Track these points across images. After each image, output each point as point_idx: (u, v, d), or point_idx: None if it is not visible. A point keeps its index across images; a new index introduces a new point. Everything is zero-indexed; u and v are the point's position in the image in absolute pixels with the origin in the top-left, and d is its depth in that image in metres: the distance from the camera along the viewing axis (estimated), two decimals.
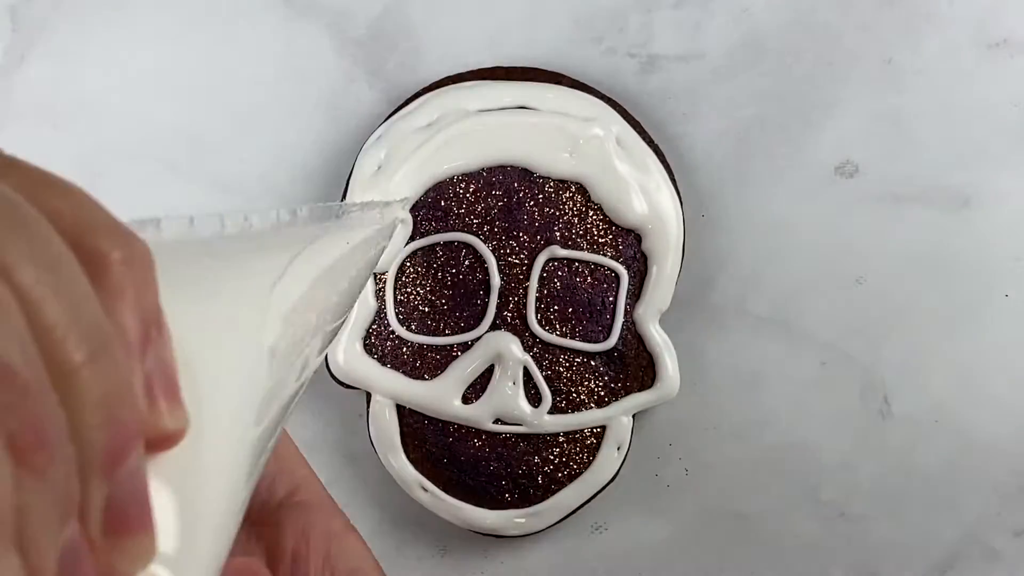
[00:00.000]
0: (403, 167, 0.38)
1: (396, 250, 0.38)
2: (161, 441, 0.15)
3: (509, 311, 0.38)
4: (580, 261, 0.38)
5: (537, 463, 0.39)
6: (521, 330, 0.38)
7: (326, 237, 0.23)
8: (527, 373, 0.38)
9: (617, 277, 0.38)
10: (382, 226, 0.29)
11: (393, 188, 0.38)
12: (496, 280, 0.38)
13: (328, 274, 0.22)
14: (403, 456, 0.39)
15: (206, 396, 0.16)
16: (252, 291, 0.19)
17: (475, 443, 0.39)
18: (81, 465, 0.13)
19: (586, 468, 0.39)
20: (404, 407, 0.39)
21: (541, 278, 0.38)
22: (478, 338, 0.38)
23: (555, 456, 0.39)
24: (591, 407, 0.38)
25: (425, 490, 0.39)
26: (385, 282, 0.39)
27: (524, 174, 0.38)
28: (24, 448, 0.12)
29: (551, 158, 0.38)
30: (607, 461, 0.39)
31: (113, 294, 0.14)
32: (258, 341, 0.18)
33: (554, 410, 0.38)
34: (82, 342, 0.13)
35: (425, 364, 0.39)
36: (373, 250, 0.27)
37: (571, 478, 0.39)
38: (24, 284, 0.13)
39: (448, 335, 0.38)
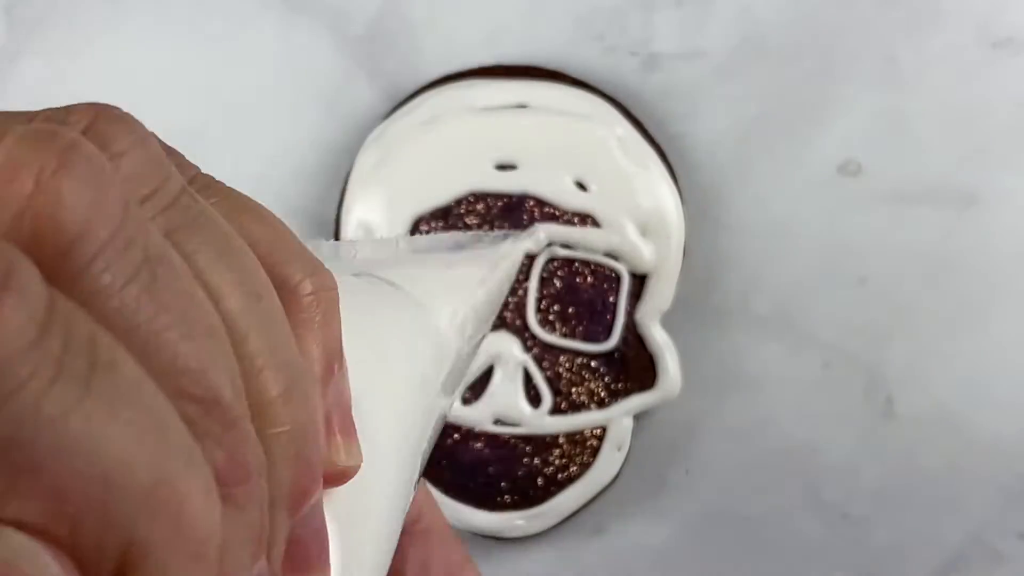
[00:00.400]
0: (403, 167, 0.38)
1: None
2: (335, 478, 0.15)
3: (509, 311, 0.38)
4: (580, 261, 0.38)
5: (537, 464, 0.38)
6: (521, 330, 0.38)
7: (467, 266, 0.23)
8: (527, 374, 0.38)
9: (618, 277, 0.38)
10: (517, 257, 0.29)
11: (394, 188, 0.38)
12: None
13: (473, 302, 0.22)
14: None
15: (370, 431, 0.16)
16: (408, 318, 0.18)
17: (475, 444, 0.38)
18: (270, 501, 0.13)
19: (587, 469, 0.39)
20: None
21: (541, 278, 0.38)
22: None
23: (555, 457, 0.38)
24: (592, 408, 0.38)
25: None
26: None
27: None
28: (229, 482, 0.12)
29: (556, 181, 0.38)
30: (608, 462, 0.39)
31: (303, 326, 0.14)
32: (415, 371, 0.18)
33: (554, 411, 0.38)
34: (279, 375, 0.13)
35: None
36: (507, 283, 0.27)
37: (571, 479, 0.39)
38: (232, 313, 0.13)
39: None
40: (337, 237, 0.38)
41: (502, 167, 0.38)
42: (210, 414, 0.12)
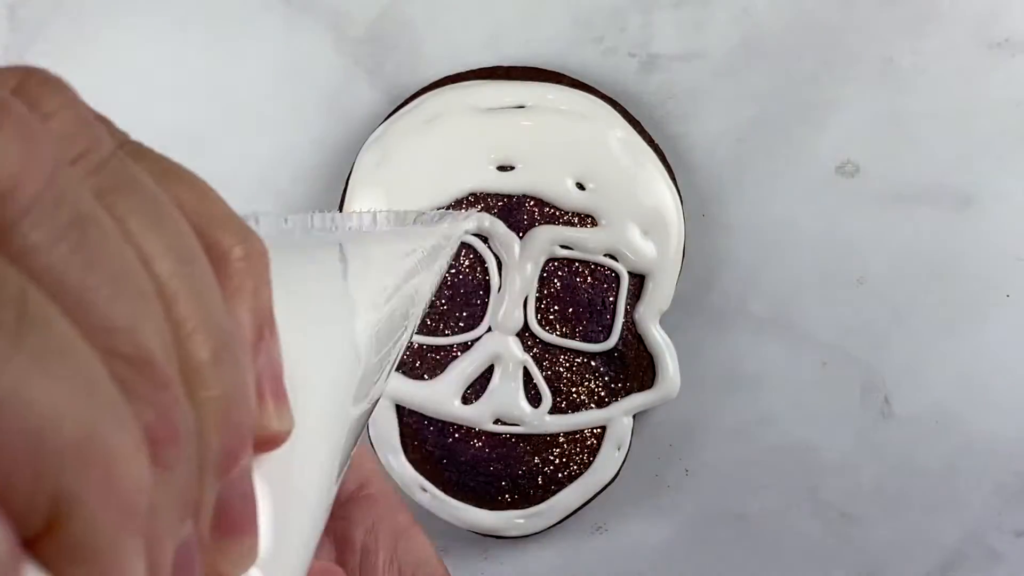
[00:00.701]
0: (403, 168, 0.38)
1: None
2: (266, 442, 0.15)
3: (508, 311, 0.38)
4: (580, 261, 0.38)
5: (537, 464, 0.38)
6: (521, 330, 0.38)
7: (399, 240, 0.23)
8: (527, 373, 0.38)
9: (617, 277, 0.38)
10: (451, 235, 0.29)
11: (394, 188, 0.38)
12: (496, 280, 0.38)
13: (402, 266, 0.22)
14: (403, 456, 0.39)
15: (300, 396, 0.16)
16: (335, 285, 0.18)
17: (475, 444, 0.38)
18: (198, 464, 0.13)
19: (586, 469, 0.39)
20: (404, 407, 0.39)
21: (541, 278, 0.38)
22: (478, 338, 0.38)
23: (555, 457, 0.39)
24: (591, 407, 0.38)
25: (425, 491, 0.39)
26: None
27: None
28: (158, 442, 0.12)
29: (556, 182, 0.38)
30: (607, 461, 0.39)
31: (232, 291, 0.14)
32: (346, 335, 0.18)
33: (554, 410, 0.38)
34: (208, 339, 0.13)
35: (425, 364, 0.38)
36: (442, 258, 0.27)
37: (571, 479, 0.39)
38: (162, 276, 0.13)
39: (448, 335, 0.38)
40: None
41: (502, 167, 0.38)
42: (140, 374, 0.12)
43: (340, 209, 0.38)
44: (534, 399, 0.38)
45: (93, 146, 0.13)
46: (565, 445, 0.39)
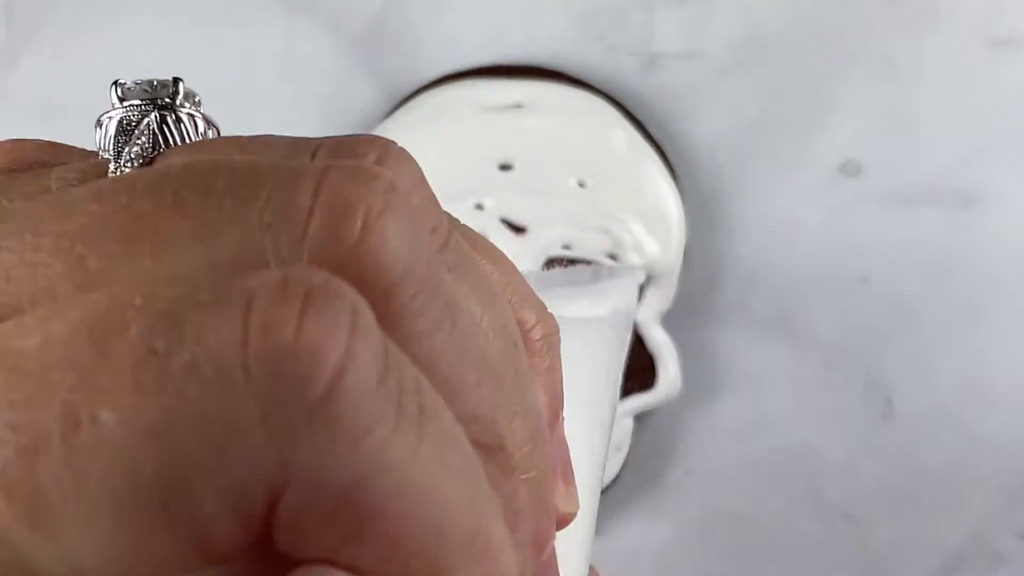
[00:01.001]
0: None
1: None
2: (557, 525, 0.15)
3: None
4: (580, 261, 0.38)
5: None
6: None
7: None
8: None
9: None
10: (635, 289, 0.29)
11: None
12: None
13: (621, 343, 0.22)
14: None
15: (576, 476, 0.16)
16: (598, 361, 0.19)
17: None
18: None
19: None
20: None
21: None
22: None
23: None
24: None
25: None
26: None
27: None
28: (540, 543, 0.12)
29: (557, 181, 0.38)
30: (608, 463, 0.39)
31: (534, 371, 0.14)
32: (600, 412, 0.18)
33: None
34: (527, 422, 0.13)
35: None
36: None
37: None
38: (497, 360, 0.13)
39: None
40: None
41: (502, 166, 0.38)
42: (493, 459, 0.12)
43: None
44: None
45: (440, 222, 0.13)
46: None
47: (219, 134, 0.13)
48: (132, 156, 0.12)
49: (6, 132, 0.43)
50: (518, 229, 0.38)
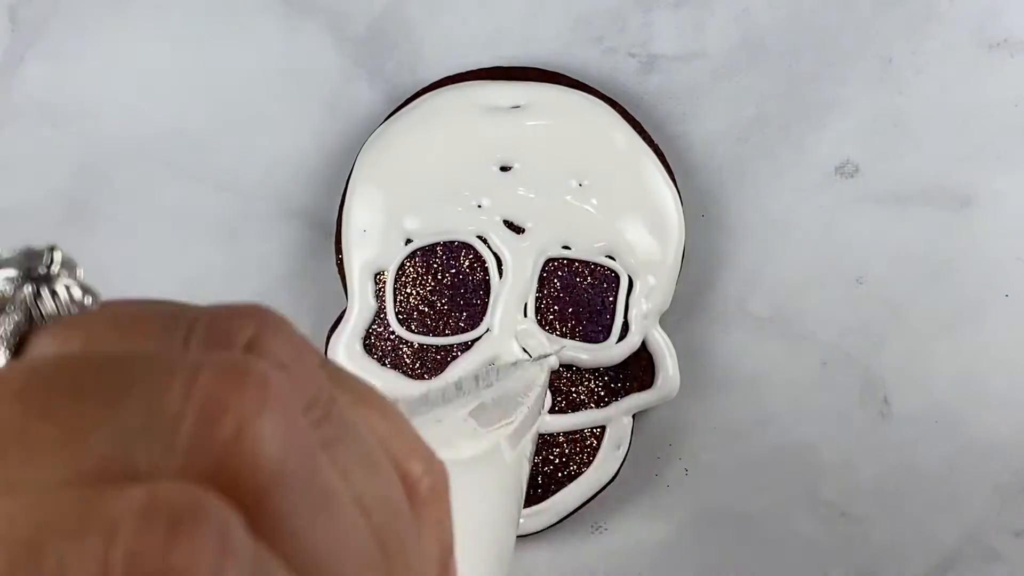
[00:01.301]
0: (403, 168, 0.38)
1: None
2: None
3: (508, 312, 0.38)
4: (580, 261, 0.38)
5: (537, 463, 0.39)
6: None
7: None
8: None
9: (617, 277, 0.38)
10: (542, 381, 0.29)
11: (394, 189, 0.38)
12: (496, 280, 0.38)
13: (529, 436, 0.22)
14: None
15: None
16: (488, 493, 0.19)
17: None
18: None
19: (586, 468, 0.39)
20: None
21: (541, 278, 0.38)
22: (478, 338, 0.38)
23: (555, 456, 0.39)
24: (591, 407, 0.38)
25: None
26: (385, 282, 0.39)
27: None
28: None
29: (556, 181, 0.38)
30: (607, 461, 0.39)
31: (422, 524, 0.14)
32: (499, 535, 0.18)
33: (554, 410, 0.38)
34: None
35: (425, 364, 0.38)
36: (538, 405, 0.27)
37: (571, 478, 0.39)
38: (378, 531, 0.13)
39: (448, 335, 0.38)
40: (338, 237, 0.39)
41: (502, 167, 0.38)
42: None
43: (340, 210, 0.38)
44: None
45: (318, 393, 0.13)
46: (565, 445, 0.39)
47: (96, 301, 0.13)
48: (5, 335, 0.12)
49: (11, 134, 0.43)
50: (518, 229, 0.38)
